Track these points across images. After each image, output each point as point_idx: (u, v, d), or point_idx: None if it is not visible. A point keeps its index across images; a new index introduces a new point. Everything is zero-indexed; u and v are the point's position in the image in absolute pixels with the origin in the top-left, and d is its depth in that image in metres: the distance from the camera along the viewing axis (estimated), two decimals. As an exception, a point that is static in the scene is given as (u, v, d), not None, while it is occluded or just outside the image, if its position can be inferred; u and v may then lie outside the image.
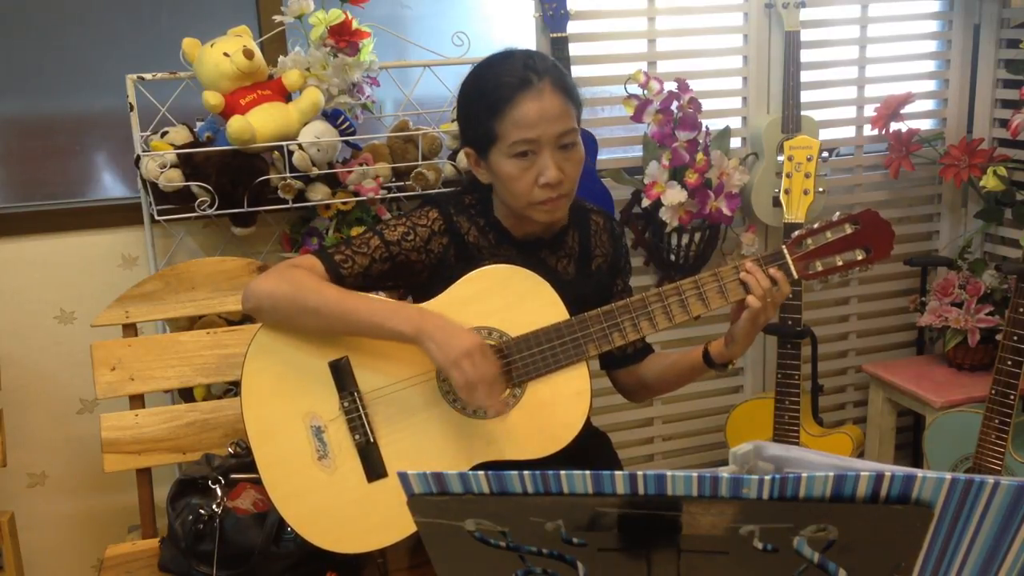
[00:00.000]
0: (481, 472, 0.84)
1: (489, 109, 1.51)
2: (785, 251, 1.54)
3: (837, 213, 1.56)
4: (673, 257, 2.44)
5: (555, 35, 2.26)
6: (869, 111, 2.63)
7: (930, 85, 2.76)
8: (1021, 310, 2.02)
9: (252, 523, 1.60)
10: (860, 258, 1.54)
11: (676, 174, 2.31)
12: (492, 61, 1.57)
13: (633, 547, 0.87)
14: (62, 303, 2.24)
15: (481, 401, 1.45)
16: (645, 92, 2.30)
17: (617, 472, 0.81)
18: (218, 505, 1.62)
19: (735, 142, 2.53)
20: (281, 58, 2.11)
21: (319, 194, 2.10)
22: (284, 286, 1.51)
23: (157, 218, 2.06)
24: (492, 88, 1.51)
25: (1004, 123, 2.59)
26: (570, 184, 1.55)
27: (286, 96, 2.08)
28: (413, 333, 1.45)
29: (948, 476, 0.80)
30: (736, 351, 1.57)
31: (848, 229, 1.53)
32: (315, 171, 2.05)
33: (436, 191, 2.16)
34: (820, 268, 1.54)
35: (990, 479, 0.82)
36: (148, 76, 2.08)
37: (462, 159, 2.09)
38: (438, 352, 1.44)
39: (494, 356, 1.47)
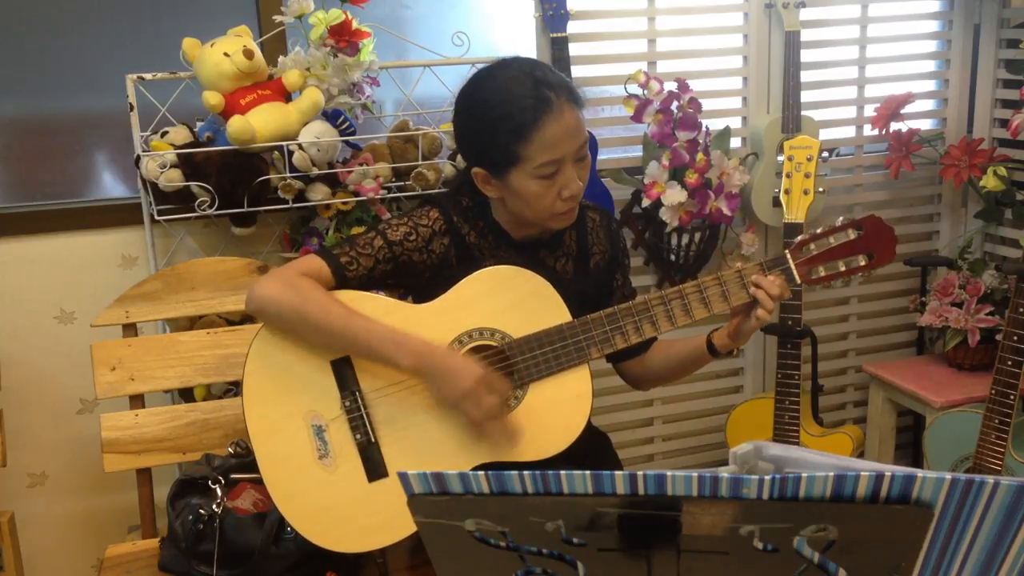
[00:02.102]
0: (481, 472, 0.84)
1: (512, 132, 1.47)
2: (788, 256, 1.54)
3: (840, 218, 1.56)
4: (673, 257, 2.44)
5: (555, 35, 2.26)
6: (869, 111, 2.63)
7: (930, 85, 2.76)
8: (1021, 310, 2.02)
9: (252, 523, 1.60)
10: (863, 264, 1.54)
11: (676, 174, 2.31)
12: (494, 78, 1.53)
13: (633, 547, 0.87)
14: (62, 303, 2.24)
15: (490, 436, 1.47)
16: (645, 92, 2.30)
17: (617, 472, 0.81)
18: (218, 505, 1.62)
19: (735, 142, 2.53)
20: (281, 58, 2.11)
21: (319, 194, 2.10)
22: (291, 296, 1.50)
23: (157, 218, 2.06)
24: (515, 111, 1.47)
25: (1004, 123, 2.59)
26: (583, 190, 1.57)
27: (286, 96, 2.08)
28: (412, 367, 1.47)
29: (948, 476, 0.80)
30: (739, 343, 1.60)
31: (851, 234, 1.54)
32: (315, 171, 2.05)
33: (436, 191, 2.16)
34: (823, 273, 1.55)
35: (990, 479, 0.82)
36: (148, 76, 2.08)
37: (462, 159, 2.10)
38: (439, 392, 1.46)
39: (499, 382, 1.47)
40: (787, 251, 1.55)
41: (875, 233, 1.53)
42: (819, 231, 1.55)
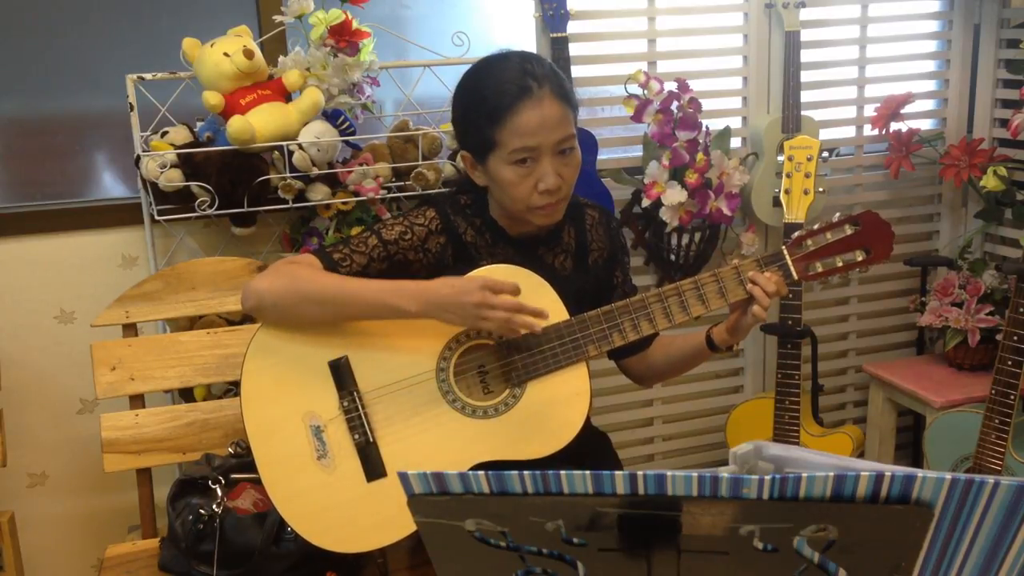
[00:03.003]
0: (481, 472, 0.84)
1: (488, 116, 1.50)
2: (785, 252, 1.54)
3: (837, 214, 1.56)
4: (673, 257, 2.44)
5: (555, 35, 2.26)
6: (869, 111, 2.63)
7: (930, 85, 2.76)
8: (1021, 310, 2.02)
9: (252, 523, 1.60)
10: (860, 259, 1.54)
11: (676, 174, 2.31)
12: (488, 65, 1.56)
13: (633, 547, 0.87)
14: (62, 303, 2.24)
15: (522, 328, 1.45)
16: (645, 92, 2.30)
17: (617, 472, 0.81)
18: (218, 505, 1.62)
19: (735, 142, 2.53)
20: (281, 58, 2.11)
21: (319, 194, 2.10)
22: (283, 280, 1.51)
23: (157, 218, 2.06)
24: (492, 95, 1.50)
25: (1004, 123, 2.59)
26: (568, 188, 1.56)
27: (286, 96, 2.08)
28: (420, 309, 1.46)
29: (948, 476, 0.80)
30: (737, 338, 1.61)
31: (848, 230, 1.53)
32: (315, 171, 2.05)
33: (435, 191, 2.16)
34: (820, 269, 1.54)
35: (990, 479, 0.82)
36: (148, 76, 2.08)
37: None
38: (457, 319, 1.46)
39: (503, 280, 1.45)
40: (784, 247, 1.55)
41: (872, 229, 1.53)
42: (816, 227, 1.55)
